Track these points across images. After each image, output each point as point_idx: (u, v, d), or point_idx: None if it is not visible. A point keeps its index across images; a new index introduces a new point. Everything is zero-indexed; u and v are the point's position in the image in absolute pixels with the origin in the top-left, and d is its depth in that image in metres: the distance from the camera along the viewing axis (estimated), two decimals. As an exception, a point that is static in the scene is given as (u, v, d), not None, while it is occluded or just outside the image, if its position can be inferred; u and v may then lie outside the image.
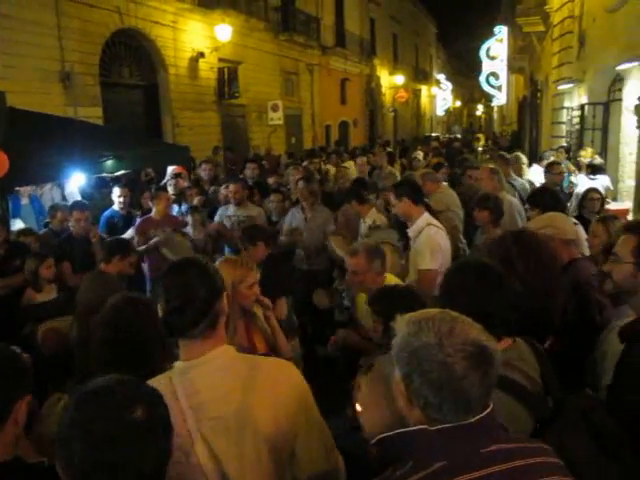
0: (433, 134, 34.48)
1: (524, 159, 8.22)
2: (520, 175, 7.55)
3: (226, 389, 1.66)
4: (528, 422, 1.72)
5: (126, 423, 1.21)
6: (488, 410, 1.30)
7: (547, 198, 4.28)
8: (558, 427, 1.63)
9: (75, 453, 1.18)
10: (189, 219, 6.20)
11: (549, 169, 7.36)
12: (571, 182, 8.04)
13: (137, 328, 2.15)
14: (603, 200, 5.93)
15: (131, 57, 13.45)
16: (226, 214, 6.05)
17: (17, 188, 6.26)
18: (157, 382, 1.69)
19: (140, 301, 2.33)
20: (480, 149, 19.67)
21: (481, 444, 1.27)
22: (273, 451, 1.66)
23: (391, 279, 3.42)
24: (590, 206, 5.63)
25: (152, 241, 5.58)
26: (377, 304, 2.76)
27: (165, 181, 7.42)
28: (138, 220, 6.13)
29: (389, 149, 14.40)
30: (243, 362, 1.75)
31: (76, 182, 7.06)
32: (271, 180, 8.15)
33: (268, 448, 1.65)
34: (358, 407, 1.66)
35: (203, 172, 8.09)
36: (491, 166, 6.15)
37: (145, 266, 5.99)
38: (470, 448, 1.26)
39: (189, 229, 6.13)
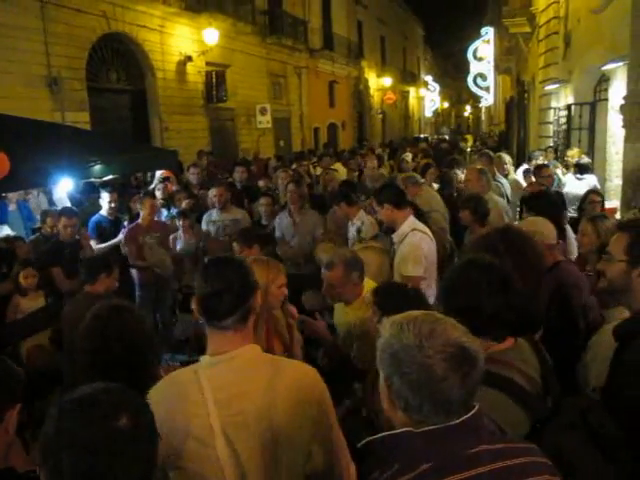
0: (422, 135, 34.62)
1: (507, 159, 8.22)
2: (505, 175, 7.57)
3: (250, 387, 1.70)
4: (525, 423, 1.71)
5: (111, 432, 1.19)
6: (473, 411, 1.29)
7: (543, 203, 4.26)
8: (555, 427, 1.63)
9: (60, 462, 1.16)
10: (178, 223, 6.18)
11: (537, 172, 7.27)
12: (560, 182, 8.10)
13: (126, 335, 2.13)
14: (603, 202, 5.82)
15: (118, 61, 13.38)
16: (210, 219, 6.02)
17: (4, 194, 6.21)
18: (181, 374, 1.77)
19: (125, 308, 2.30)
20: (468, 149, 19.78)
21: (467, 445, 1.27)
22: (291, 451, 1.70)
23: (370, 285, 3.36)
24: (590, 209, 5.42)
25: (143, 263, 5.70)
26: (380, 298, 2.73)
27: (153, 185, 7.38)
28: (126, 226, 6.10)
29: (378, 151, 14.43)
30: (268, 362, 1.80)
31: (64, 188, 7.01)
32: (261, 183, 8.13)
33: (286, 447, 1.69)
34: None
35: (192, 176, 8.07)
36: (479, 167, 6.17)
37: (134, 272, 5.97)
38: (456, 449, 1.26)
39: (179, 233, 6.11)
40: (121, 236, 6.00)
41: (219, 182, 7.41)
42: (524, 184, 7.57)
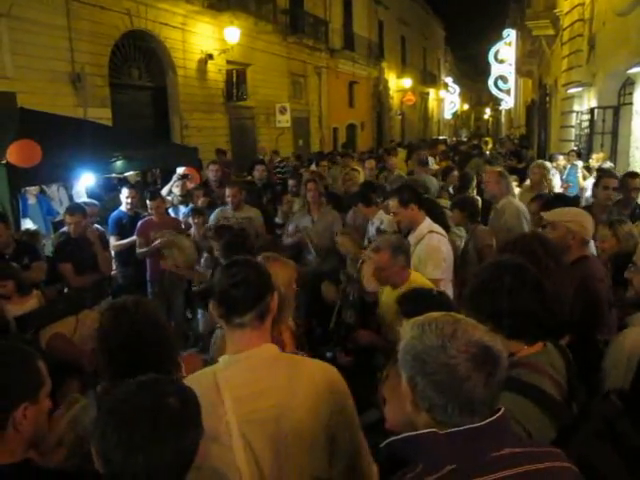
0: (440, 137, 34.45)
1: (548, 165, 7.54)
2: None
3: (267, 385, 1.71)
4: (551, 431, 1.70)
5: (161, 410, 1.28)
6: (499, 414, 1.29)
7: (561, 205, 4.19)
8: (582, 435, 1.61)
9: (112, 449, 1.24)
10: (191, 220, 6.21)
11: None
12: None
13: (145, 326, 2.12)
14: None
15: (140, 59, 13.49)
16: (224, 215, 6.07)
17: (26, 188, 6.29)
18: (201, 376, 1.79)
19: (141, 302, 2.29)
20: (487, 152, 19.62)
21: (492, 448, 1.26)
22: (309, 450, 1.69)
23: (416, 277, 3.40)
24: (604, 197, 4.99)
25: (153, 244, 5.58)
26: (406, 304, 2.68)
27: (172, 183, 7.43)
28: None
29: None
30: (285, 360, 1.81)
31: (83, 182, 7.08)
32: (291, 182, 8.09)
33: (304, 446, 1.68)
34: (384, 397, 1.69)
35: (210, 173, 8.11)
36: (499, 169, 6.12)
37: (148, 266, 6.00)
38: (480, 452, 1.25)
39: (192, 230, 6.14)
40: None
41: (233, 182, 7.45)
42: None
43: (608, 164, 8.76)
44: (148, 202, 6.01)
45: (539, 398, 1.72)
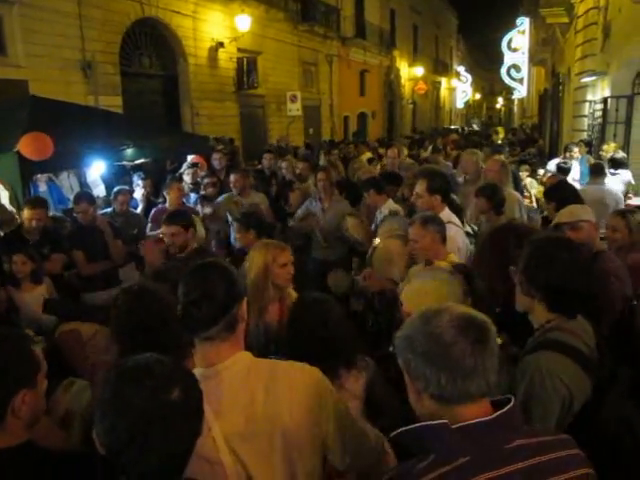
0: (452, 126, 34.21)
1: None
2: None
3: (249, 395, 1.63)
4: (588, 387, 1.83)
5: (164, 403, 1.26)
6: (510, 405, 1.31)
7: (564, 193, 4.19)
8: (613, 396, 1.76)
9: (116, 425, 1.24)
10: (199, 208, 6.24)
11: None
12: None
13: (165, 310, 2.13)
14: None
15: (151, 47, 13.50)
16: (233, 200, 6.11)
17: (38, 175, 6.33)
18: None
19: (144, 291, 2.30)
20: (499, 142, 19.49)
21: (504, 440, 1.29)
22: (301, 454, 1.64)
23: (454, 259, 3.39)
24: None
25: (159, 230, 5.59)
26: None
27: (182, 171, 7.46)
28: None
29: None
30: (262, 366, 1.72)
31: (97, 170, 7.12)
32: (301, 166, 8.03)
33: (295, 451, 1.63)
34: None
35: (215, 161, 8.14)
36: (502, 159, 6.07)
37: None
38: (493, 444, 1.27)
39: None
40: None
41: (237, 168, 7.47)
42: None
43: (621, 154, 8.66)
44: (165, 189, 6.05)
45: (577, 357, 1.84)
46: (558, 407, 1.76)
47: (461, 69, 46.46)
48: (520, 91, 32.07)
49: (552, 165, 8.57)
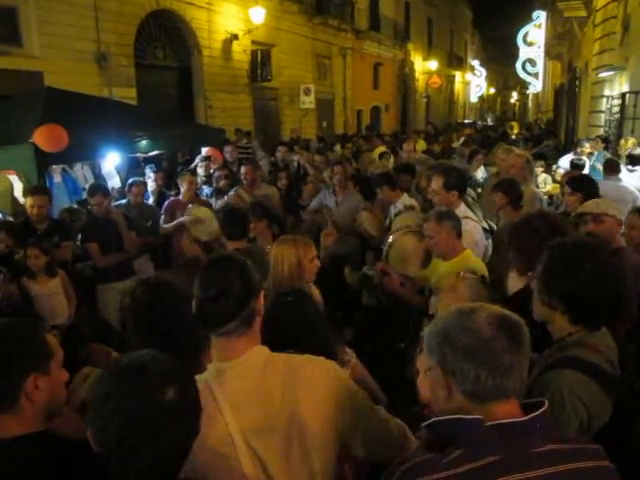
0: (466, 121, 33.96)
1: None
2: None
3: (265, 390, 1.62)
4: (608, 407, 1.75)
5: (158, 404, 1.24)
6: (543, 409, 1.30)
7: (592, 184, 4.24)
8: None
9: (107, 426, 1.23)
10: (213, 201, 6.24)
11: None
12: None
13: (183, 302, 2.12)
14: None
15: (165, 39, 13.50)
16: (237, 193, 6.12)
17: (53, 166, 6.35)
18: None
19: (162, 283, 2.30)
20: (514, 137, 19.35)
21: (535, 443, 1.27)
22: (317, 448, 1.63)
23: (470, 254, 3.43)
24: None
25: (175, 222, 5.59)
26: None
27: (195, 163, 7.47)
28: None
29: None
30: (279, 361, 1.70)
31: (112, 161, 7.14)
32: (318, 159, 8.02)
33: (312, 445, 1.62)
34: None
35: (227, 154, 8.16)
36: (527, 155, 6.02)
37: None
38: (523, 446, 1.26)
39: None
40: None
41: (249, 161, 7.53)
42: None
43: (639, 150, 8.54)
44: (179, 181, 6.06)
45: (599, 376, 1.74)
46: (576, 427, 1.70)
47: (475, 63, 46.05)
48: (535, 86, 31.76)
49: (563, 161, 8.47)
